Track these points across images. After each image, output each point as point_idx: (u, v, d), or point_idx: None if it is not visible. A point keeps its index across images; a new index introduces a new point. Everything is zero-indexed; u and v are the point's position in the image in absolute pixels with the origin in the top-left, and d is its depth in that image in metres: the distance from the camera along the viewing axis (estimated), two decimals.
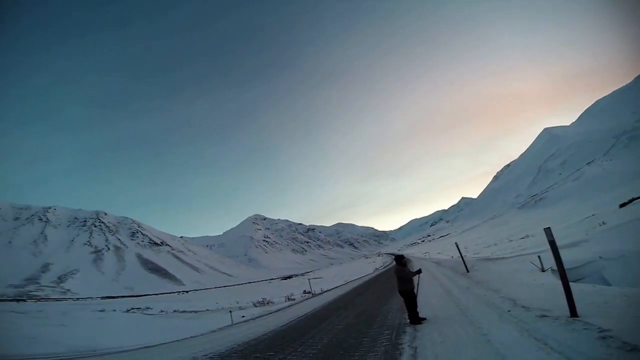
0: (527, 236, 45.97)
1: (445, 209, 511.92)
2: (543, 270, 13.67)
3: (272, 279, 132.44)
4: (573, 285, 6.29)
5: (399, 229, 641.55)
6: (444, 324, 7.56)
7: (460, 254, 19.24)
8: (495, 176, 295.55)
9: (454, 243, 24.97)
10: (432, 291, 13.37)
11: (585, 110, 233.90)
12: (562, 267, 6.22)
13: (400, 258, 9.28)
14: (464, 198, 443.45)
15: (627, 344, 4.31)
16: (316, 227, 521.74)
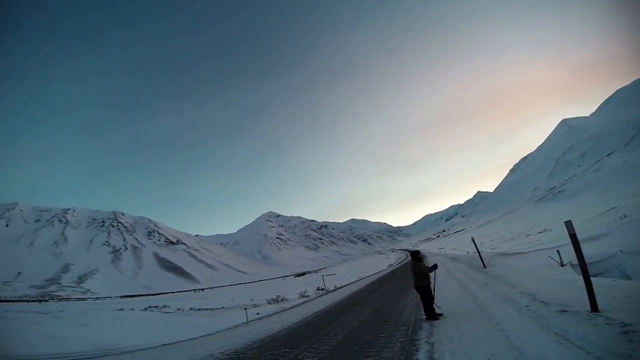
0: (545, 230, 44.99)
1: (461, 203, 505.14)
2: (562, 264, 13.38)
3: (285, 276, 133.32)
4: (593, 279, 6.17)
5: (413, 224, 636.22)
6: (461, 320, 7.51)
7: (476, 249, 18.96)
8: (511, 169, 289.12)
9: (469, 238, 24.69)
10: (449, 287, 13.24)
11: (605, 100, 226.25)
12: (583, 261, 6.10)
13: (416, 254, 9.23)
14: (479, 192, 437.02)
15: None
16: (329, 223, 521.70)
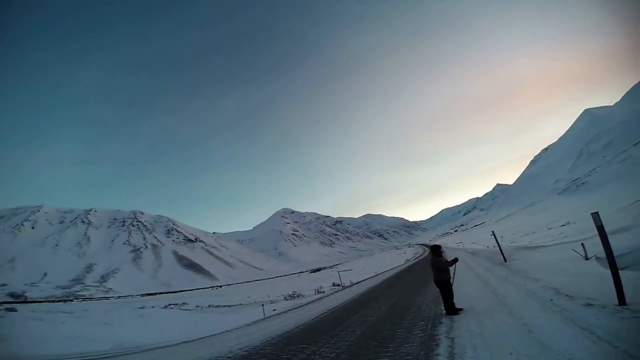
0: (568, 223, 43.58)
1: (479, 196, 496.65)
2: (587, 258, 12.95)
3: (301, 272, 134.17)
4: (620, 272, 5.95)
5: (430, 218, 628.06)
6: (482, 315, 7.40)
7: (497, 242, 18.54)
8: (532, 161, 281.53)
9: (488, 232, 24.19)
10: (469, 281, 13.07)
11: (631, 88, 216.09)
12: (611, 254, 5.90)
13: (437, 248, 9.06)
14: (498, 185, 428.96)
15: None
16: (344, 219, 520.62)
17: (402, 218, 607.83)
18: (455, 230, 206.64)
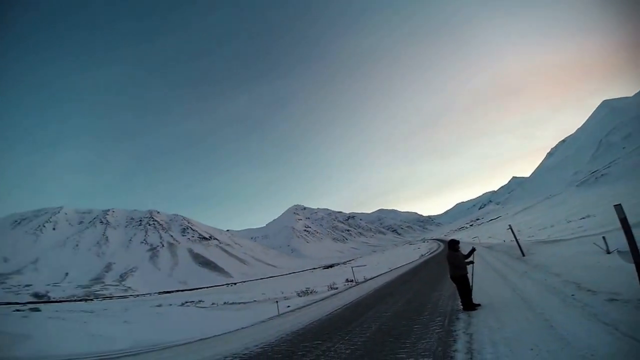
0: (588, 216, 42.39)
1: (495, 190, 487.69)
2: (608, 252, 12.56)
3: (314, 269, 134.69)
4: None
5: (445, 213, 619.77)
6: (501, 310, 7.30)
7: (514, 236, 18.17)
8: (549, 153, 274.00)
9: (505, 226, 23.73)
10: (486, 276, 12.88)
11: None
12: (635, 247, 5.73)
13: (454, 243, 8.85)
14: (514, 177, 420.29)
15: None
16: (356, 214, 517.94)
17: (416, 213, 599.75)
18: (471, 225, 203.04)
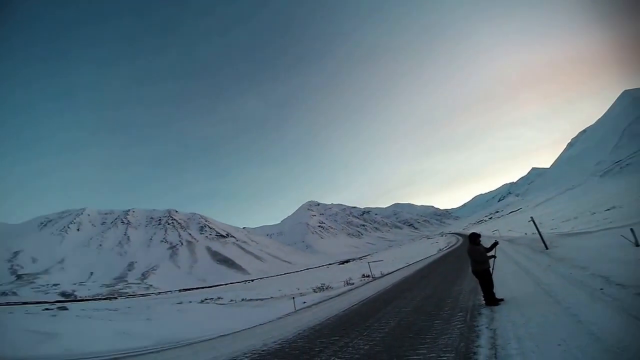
0: (614, 207, 40.74)
1: (514, 181, 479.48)
2: (637, 244, 12.02)
3: (329, 264, 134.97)
4: None
5: (463, 206, 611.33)
6: (525, 305, 7.10)
7: (536, 229, 17.62)
8: (569, 143, 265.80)
9: (525, 219, 23.05)
10: (508, 270, 12.55)
11: None
12: None
13: (475, 237, 8.57)
14: (534, 168, 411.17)
15: None
16: (371, 209, 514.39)
17: (433, 206, 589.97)
18: (490, 218, 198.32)
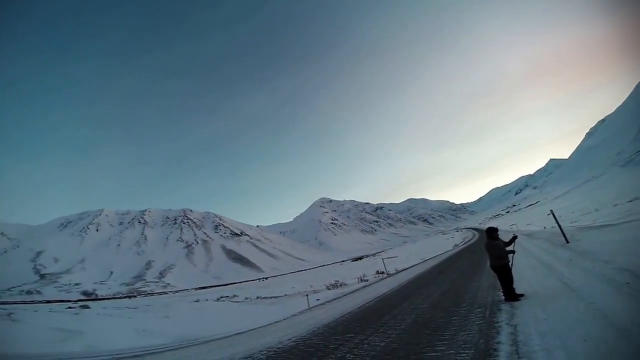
0: (637, 198, 39.19)
1: (531, 173, 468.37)
2: None
3: (342, 261, 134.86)
4: None
5: (478, 200, 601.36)
6: (547, 300, 6.86)
7: (556, 222, 17.04)
8: (588, 133, 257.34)
9: (544, 212, 22.37)
10: (528, 265, 12.20)
11: None
12: None
13: (493, 231, 8.34)
14: (552, 160, 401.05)
15: None
16: (385, 205, 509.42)
17: (448, 201, 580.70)
18: (507, 212, 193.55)
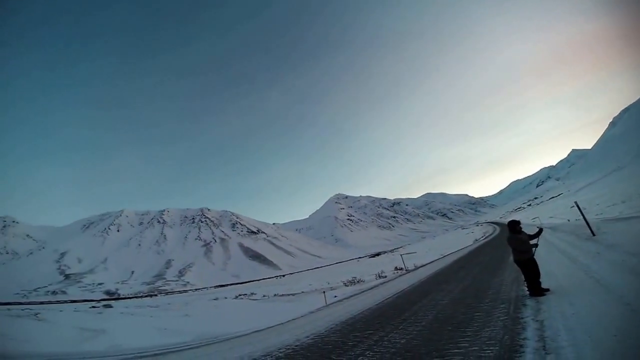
0: None
1: (553, 165, 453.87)
2: None
3: (360, 258, 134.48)
4: None
5: (499, 193, 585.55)
6: (574, 294, 6.64)
7: (581, 214, 16.45)
8: (611, 122, 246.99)
9: (567, 204, 21.62)
10: (553, 259, 11.84)
11: None
12: None
13: (515, 224, 8.06)
14: (574, 150, 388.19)
15: None
16: (402, 200, 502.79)
17: (467, 195, 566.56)
18: (529, 204, 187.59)
